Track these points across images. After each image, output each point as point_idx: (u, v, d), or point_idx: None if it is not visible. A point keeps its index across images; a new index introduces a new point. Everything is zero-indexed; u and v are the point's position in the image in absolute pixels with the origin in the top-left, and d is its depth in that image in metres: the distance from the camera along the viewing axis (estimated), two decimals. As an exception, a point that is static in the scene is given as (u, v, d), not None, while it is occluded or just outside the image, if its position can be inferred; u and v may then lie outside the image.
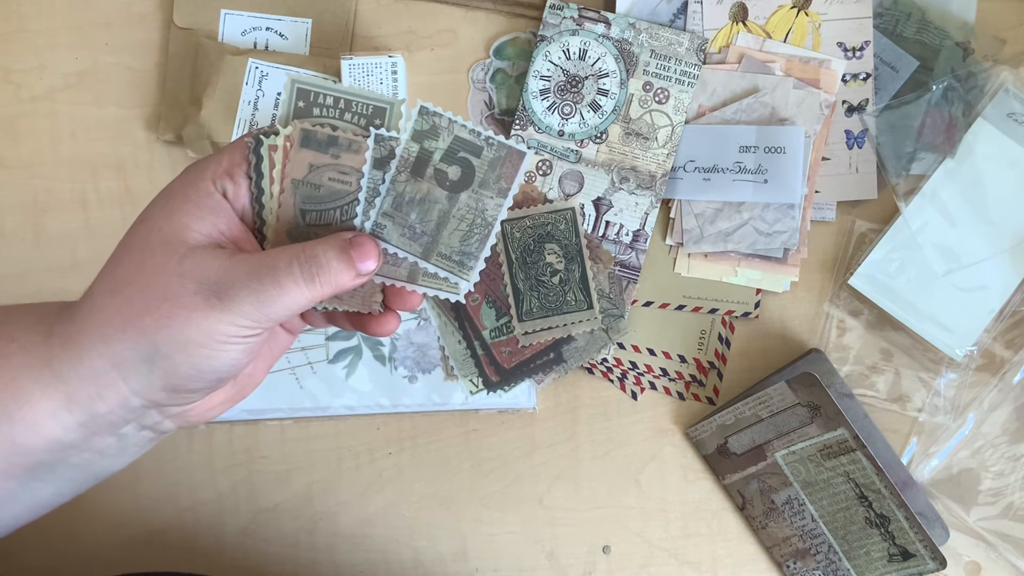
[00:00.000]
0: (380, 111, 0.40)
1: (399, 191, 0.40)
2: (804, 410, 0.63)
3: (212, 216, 0.39)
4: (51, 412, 0.38)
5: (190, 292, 0.37)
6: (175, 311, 0.37)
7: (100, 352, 0.38)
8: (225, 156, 0.40)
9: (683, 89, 0.65)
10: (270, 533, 0.68)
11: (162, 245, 0.38)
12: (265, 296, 0.38)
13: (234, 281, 0.37)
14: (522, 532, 0.69)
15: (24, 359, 0.39)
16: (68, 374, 0.38)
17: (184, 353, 0.38)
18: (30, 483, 0.41)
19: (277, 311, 0.38)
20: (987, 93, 0.65)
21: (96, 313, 0.39)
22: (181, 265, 0.38)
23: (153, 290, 0.38)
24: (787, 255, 0.66)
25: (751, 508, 0.67)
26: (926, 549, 0.62)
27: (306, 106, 0.40)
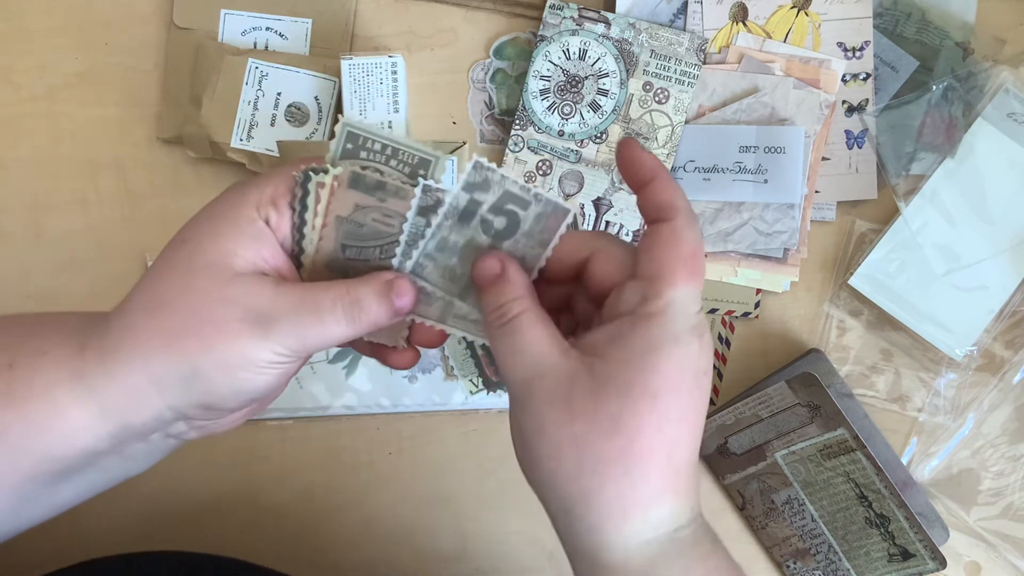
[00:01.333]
0: (425, 162, 0.41)
1: (444, 235, 0.41)
2: (804, 410, 0.63)
3: (256, 244, 0.39)
4: (86, 424, 0.39)
5: (235, 319, 0.38)
6: (219, 335, 0.38)
7: (138, 368, 0.38)
8: (270, 184, 0.40)
9: (683, 89, 0.65)
10: (270, 533, 0.68)
11: (207, 268, 0.39)
12: (307, 331, 0.39)
13: (279, 312, 0.38)
14: (522, 532, 0.69)
15: (56, 372, 0.39)
16: (103, 388, 0.39)
17: (224, 376, 0.38)
18: (56, 487, 0.41)
19: (317, 344, 0.39)
20: (987, 93, 0.65)
21: (134, 329, 0.39)
22: (227, 291, 0.38)
23: (197, 313, 0.38)
24: (787, 255, 0.66)
25: (751, 508, 0.67)
26: (926, 549, 0.62)
27: (354, 148, 0.41)
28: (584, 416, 0.37)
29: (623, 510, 0.37)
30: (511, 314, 0.39)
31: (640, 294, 0.38)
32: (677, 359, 0.37)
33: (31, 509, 0.41)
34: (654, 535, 0.37)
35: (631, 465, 0.37)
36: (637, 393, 0.37)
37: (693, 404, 0.38)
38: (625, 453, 0.37)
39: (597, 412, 0.37)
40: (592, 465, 0.37)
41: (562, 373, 0.38)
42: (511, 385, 0.39)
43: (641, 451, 0.37)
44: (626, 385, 0.37)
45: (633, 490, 0.37)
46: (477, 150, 0.67)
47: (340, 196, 0.41)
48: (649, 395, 0.37)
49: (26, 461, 0.39)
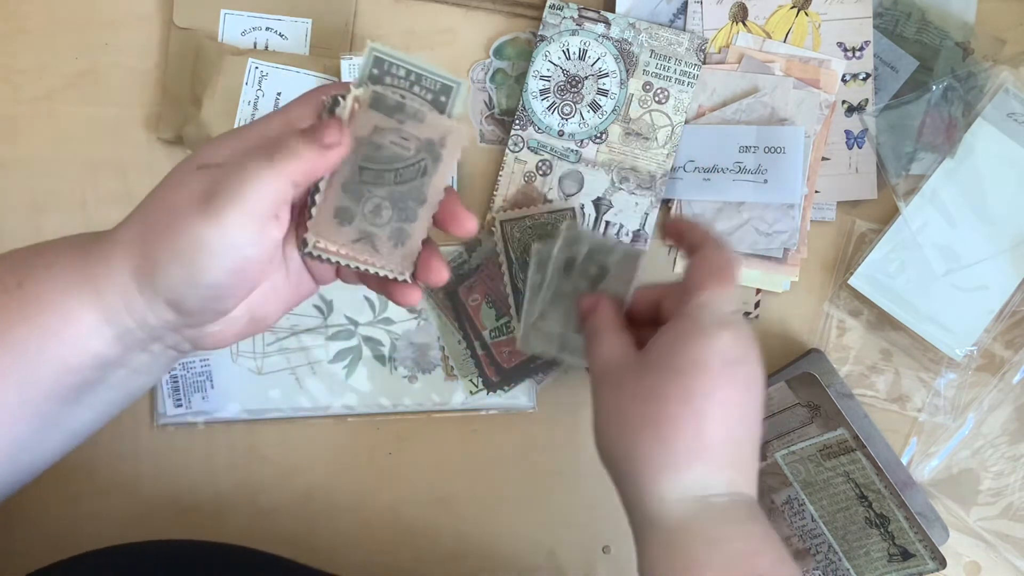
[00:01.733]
0: (447, 88, 0.43)
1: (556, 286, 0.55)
2: (804, 410, 0.63)
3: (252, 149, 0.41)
4: (95, 327, 0.40)
5: (185, 200, 0.39)
6: (175, 221, 0.39)
7: (126, 265, 0.40)
8: (293, 109, 0.42)
9: (683, 89, 0.65)
10: (270, 533, 0.68)
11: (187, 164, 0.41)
12: (237, 186, 0.39)
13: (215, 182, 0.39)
14: (522, 532, 0.69)
15: (64, 281, 0.40)
16: (104, 287, 0.40)
17: (178, 264, 0.39)
18: (73, 406, 0.42)
19: (252, 201, 0.39)
20: (987, 93, 0.65)
21: (126, 229, 0.41)
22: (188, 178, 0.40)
23: (162, 204, 0.40)
24: (787, 255, 0.66)
25: (751, 508, 0.67)
26: (926, 549, 0.62)
27: (379, 74, 0.42)
28: (629, 389, 0.46)
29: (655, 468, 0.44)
30: (597, 329, 0.51)
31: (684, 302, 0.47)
32: (702, 345, 0.45)
33: (49, 436, 0.43)
34: (684, 494, 0.44)
35: (661, 428, 0.44)
36: (667, 370, 0.45)
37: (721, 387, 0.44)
38: (656, 418, 0.44)
39: (638, 385, 0.46)
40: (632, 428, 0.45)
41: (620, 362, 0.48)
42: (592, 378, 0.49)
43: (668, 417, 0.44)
44: (659, 364, 0.46)
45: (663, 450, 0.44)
46: (477, 150, 0.67)
47: (361, 117, 0.42)
48: (675, 371, 0.45)
49: (45, 373, 0.40)
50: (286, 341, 0.67)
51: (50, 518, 0.67)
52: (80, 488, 0.67)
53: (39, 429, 0.42)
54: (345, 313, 0.67)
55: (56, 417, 0.42)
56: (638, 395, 0.45)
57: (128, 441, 0.67)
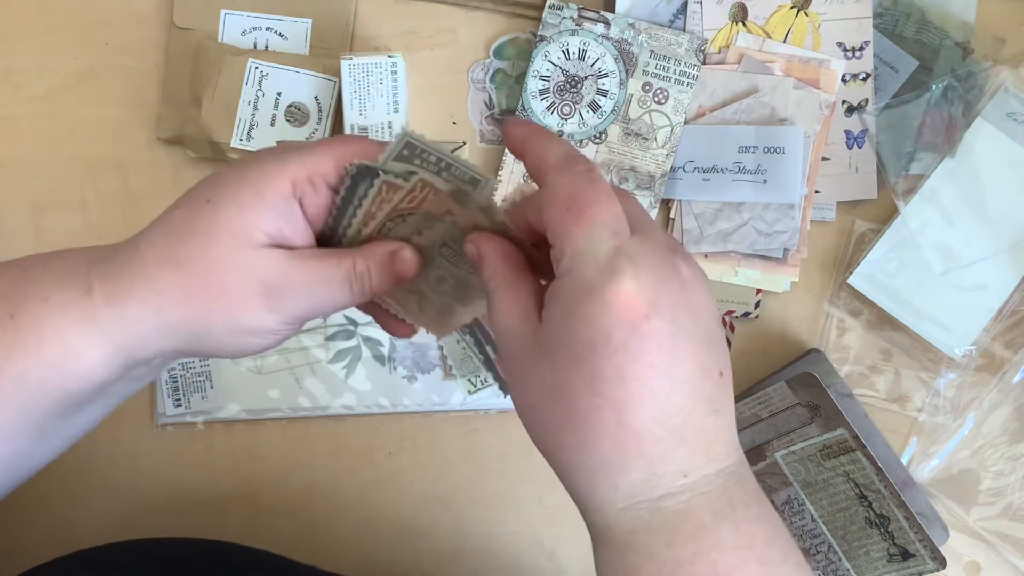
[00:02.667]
0: (475, 181, 0.41)
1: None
2: (804, 410, 0.63)
3: (282, 220, 0.40)
4: (101, 361, 0.41)
5: (252, 292, 0.40)
6: (235, 304, 0.40)
7: (151, 318, 0.40)
8: (312, 160, 0.41)
9: (682, 89, 0.65)
10: (270, 533, 0.68)
11: (230, 238, 0.40)
12: (317, 301, 0.41)
13: (294, 287, 0.40)
14: (522, 532, 0.69)
15: (63, 317, 0.40)
16: (116, 329, 0.40)
17: (232, 337, 0.41)
18: (72, 418, 0.43)
19: (323, 311, 0.42)
20: (987, 93, 0.65)
21: (149, 280, 0.40)
22: (246, 263, 0.40)
23: (217, 280, 0.40)
24: (787, 255, 0.66)
25: (751, 508, 0.67)
26: (926, 549, 0.62)
27: (409, 156, 0.41)
28: (530, 385, 0.36)
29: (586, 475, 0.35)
30: (489, 288, 0.39)
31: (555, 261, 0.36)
32: (592, 314, 0.34)
33: (49, 443, 0.43)
34: (629, 500, 0.35)
35: (579, 431, 0.34)
36: (562, 358, 0.35)
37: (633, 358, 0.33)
38: (570, 420, 0.35)
39: (539, 381, 0.36)
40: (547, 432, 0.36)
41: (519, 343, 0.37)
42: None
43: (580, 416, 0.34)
44: (553, 350, 0.35)
45: (587, 455, 0.35)
46: (477, 150, 0.67)
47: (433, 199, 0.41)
48: (573, 357, 0.34)
49: (46, 401, 0.41)
50: (286, 341, 0.67)
51: (50, 517, 0.67)
52: (80, 488, 0.67)
53: (38, 440, 0.42)
54: (345, 313, 0.67)
55: (55, 429, 0.43)
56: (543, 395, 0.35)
57: (128, 441, 0.67)
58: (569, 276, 0.35)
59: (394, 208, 0.42)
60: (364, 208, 0.42)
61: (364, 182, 0.41)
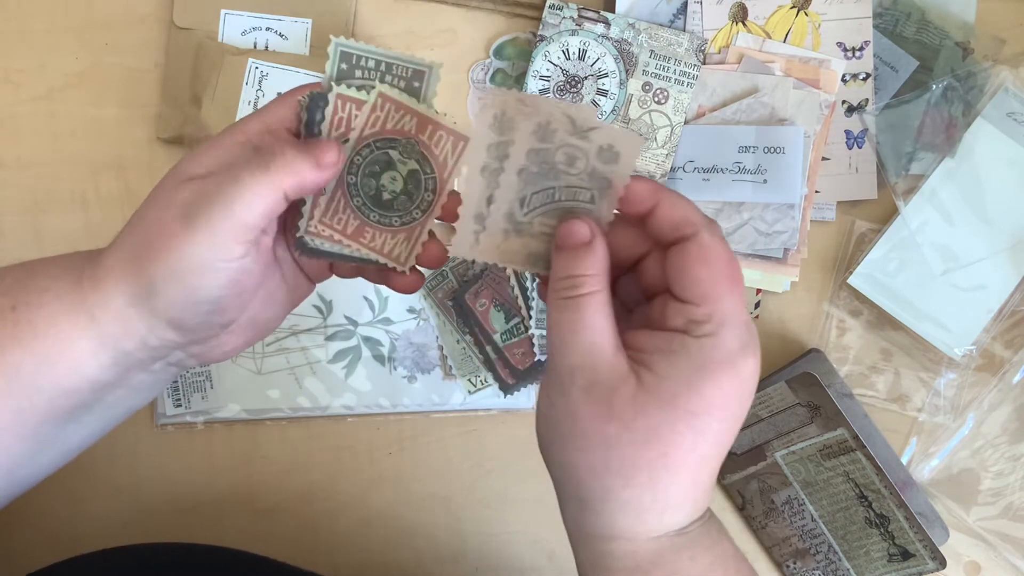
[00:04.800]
0: (419, 74, 0.41)
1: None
2: (804, 410, 0.63)
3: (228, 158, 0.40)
4: (90, 352, 0.40)
5: (172, 218, 0.38)
6: (164, 242, 0.38)
7: (121, 290, 0.39)
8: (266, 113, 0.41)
9: (682, 90, 0.65)
10: (270, 533, 0.68)
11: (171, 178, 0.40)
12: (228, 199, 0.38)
13: (203, 195, 0.38)
14: (522, 532, 0.69)
15: (58, 306, 0.40)
16: (100, 314, 0.40)
17: (175, 283, 0.38)
18: (68, 426, 0.42)
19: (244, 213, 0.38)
20: (987, 93, 0.65)
21: (116, 252, 0.40)
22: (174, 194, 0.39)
23: (151, 224, 0.39)
24: (787, 255, 0.66)
25: (751, 508, 0.67)
26: (926, 549, 0.62)
27: (348, 68, 0.41)
28: (622, 420, 0.36)
29: (639, 513, 0.38)
30: (583, 290, 0.37)
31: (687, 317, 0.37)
32: (724, 384, 0.36)
33: (46, 453, 0.43)
34: (664, 532, 0.38)
35: (657, 475, 0.37)
36: (680, 410, 0.36)
37: (731, 427, 0.38)
38: (654, 464, 0.37)
39: (636, 419, 0.36)
40: (619, 467, 0.37)
41: (610, 372, 0.37)
42: (557, 366, 0.38)
43: (669, 465, 0.37)
44: (671, 400, 0.36)
45: (654, 498, 0.37)
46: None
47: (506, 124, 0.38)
48: (691, 414, 0.36)
49: (41, 398, 0.40)
50: (286, 341, 0.67)
51: (50, 518, 0.67)
52: (80, 488, 0.67)
53: (35, 448, 0.42)
54: (344, 313, 0.67)
55: (52, 437, 0.42)
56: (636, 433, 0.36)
57: (128, 441, 0.67)
58: (711, 340, 0.37)
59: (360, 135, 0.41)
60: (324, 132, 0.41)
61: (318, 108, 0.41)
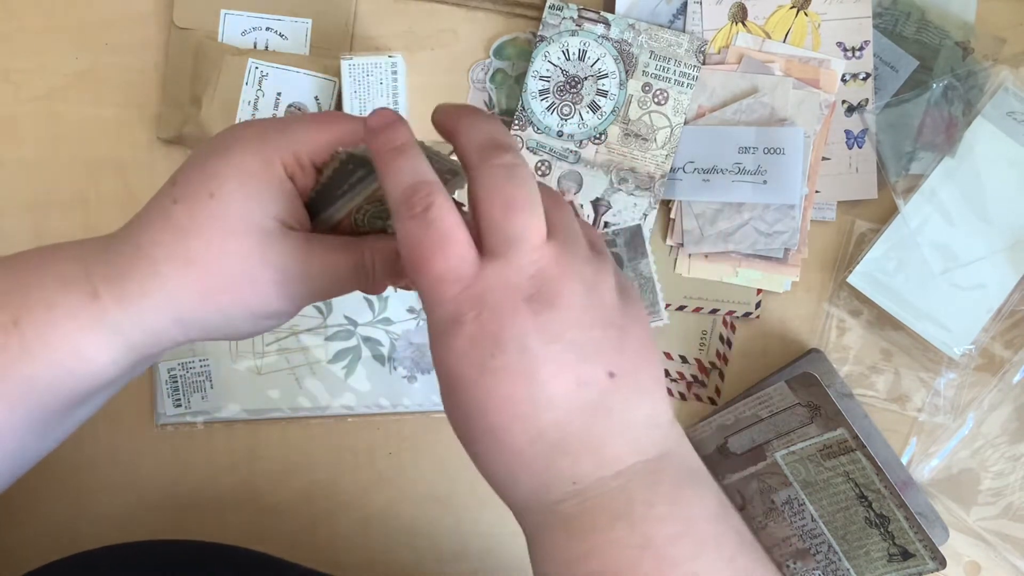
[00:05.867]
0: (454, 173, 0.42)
1: None
2: (804, 410, 0.63)
3: (285, 201, 0.41)
4: (112, 360, 0.41)
5: (269, 280, 0.41)
6: (253, 294, 0.41)
7: (164, 313, 0.40)
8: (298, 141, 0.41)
9: (682, 90, 0.65)
10: (270, 533, 0.68)
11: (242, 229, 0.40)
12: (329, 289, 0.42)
13: (309, 276, 0.41)
14: (522, 532, 0.69)
15: (72, 324, 0.40)
16: (129, 330, 0.40)
17: (251, 323, 0.42)
18: (75, 412, 0.43)
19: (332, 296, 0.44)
20: (987, 92, 0.65)
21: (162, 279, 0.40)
22: (263, 253, 0.40)
23: (235, 272, 0.40)
24: (787, 255, 0.66)
25: (751, 508, 0.67)
26: (926, 549, 0.62)
27: None
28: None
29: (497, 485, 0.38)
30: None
31: None
32: (441, 358, 0.36)
33: (50, 438, 0.44)
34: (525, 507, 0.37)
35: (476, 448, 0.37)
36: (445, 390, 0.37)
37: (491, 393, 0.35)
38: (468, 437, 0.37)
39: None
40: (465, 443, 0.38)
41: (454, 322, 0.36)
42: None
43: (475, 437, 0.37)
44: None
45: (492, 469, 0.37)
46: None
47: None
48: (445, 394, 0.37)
49: (54, 401, 0.41)
50: (286, 341, 0.67)
51: (51, 517, 0.67)
52: (80, 488, 0.67)
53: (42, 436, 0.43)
54: (344, 313, 0.67)
55: (59, 425, 0.43)
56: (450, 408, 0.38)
57: (128, 441, 0.67)
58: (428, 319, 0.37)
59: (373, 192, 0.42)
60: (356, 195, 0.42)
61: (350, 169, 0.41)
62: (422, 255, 0.35)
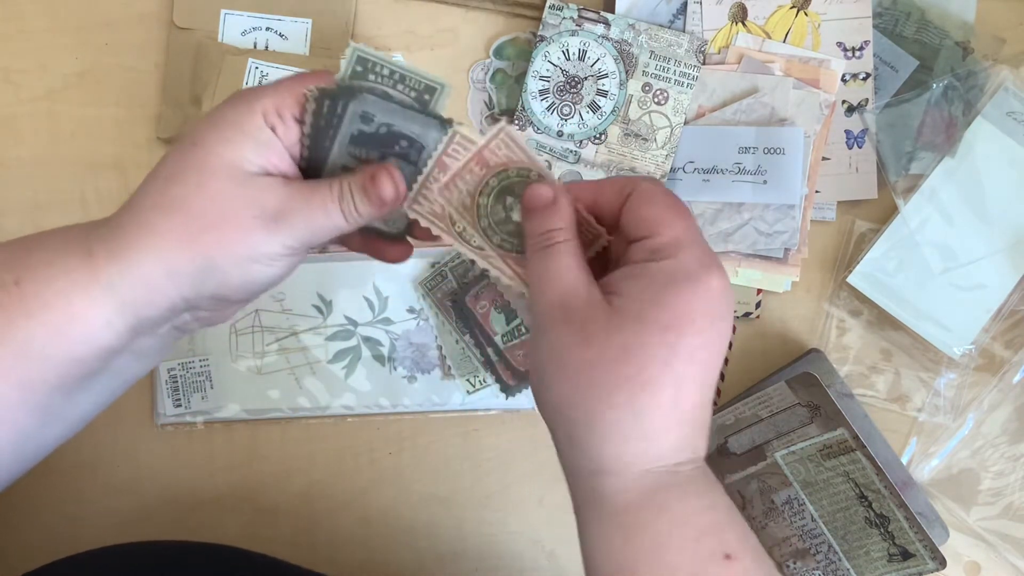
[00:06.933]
0: (431, 89, 0.43)
1: None
2: (804, 410, 0.63)
3: (265, 149, 0.42)
4: (105, 321, 0.41)
5: (251, 216, 0.41)
6: (236, 232, 0.41)
7: (154, 263, 0.41)
8: (276, 94, 0.43)
9: (682, 90, 0.65)
10: (270, 533, 0.68)
11: (221, 171, 0.41)
12: (315, 223, 0.42)
13: (291, 208, 0.42)
14: (522, 532, 0.69)
15: (67, 280, 0.41)
16: (118, 282, 0.41)
17: (238, 268, 0.42)
18: (77, 396, 0.43)
19: (323, 235, 0.43)
20: (987, 92, 0.65)
21: (150, 227, 0.41)
22: (242, 191, 0.41)
23: (215, 210, 0.41)
24: (787, 255, 0.66)
25: (751, 508, 0.67)
26: (926, 549, 0.62)
27: (363, 71, 0.43)
28: (597, 342, 0.38)
29: (623, 438, 0.38)
30: (554, 240, 0.41)
31: (646, 249, 0.40)
32: (689, 295, 0.38)
33: (52, 426, 0.44)
34: (652, 466, 0.39)
35: (635, 394, 0.38)
36: (649, 325, 0.38)
37: (705, 346, 0.39)
38: (631, 381, 0.38)
39: (610, 339, 0.38)
40: (598, 390, 0.38)
41: (584, 301, 0.39)
42: (538, 310, 0.41)
43: (646, 381, 0.38)
44: (639, 316, 0.38)
45: (635, 419, 0.38)
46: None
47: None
48: (660, 327, 0.38)
49: (51, 370, 0.41)
50: (286, 341, 0.67)
51: (51, 517, 0.67)
52: (80, 488, 0.67)
53: (43, 420, 0.43)
54: (344, 313, 0.67)
55: (59, 408, 0.43)
56: (610, 352, 0.38)
57: (128, 441, 0.67)
58: (671, 261, 0.39)
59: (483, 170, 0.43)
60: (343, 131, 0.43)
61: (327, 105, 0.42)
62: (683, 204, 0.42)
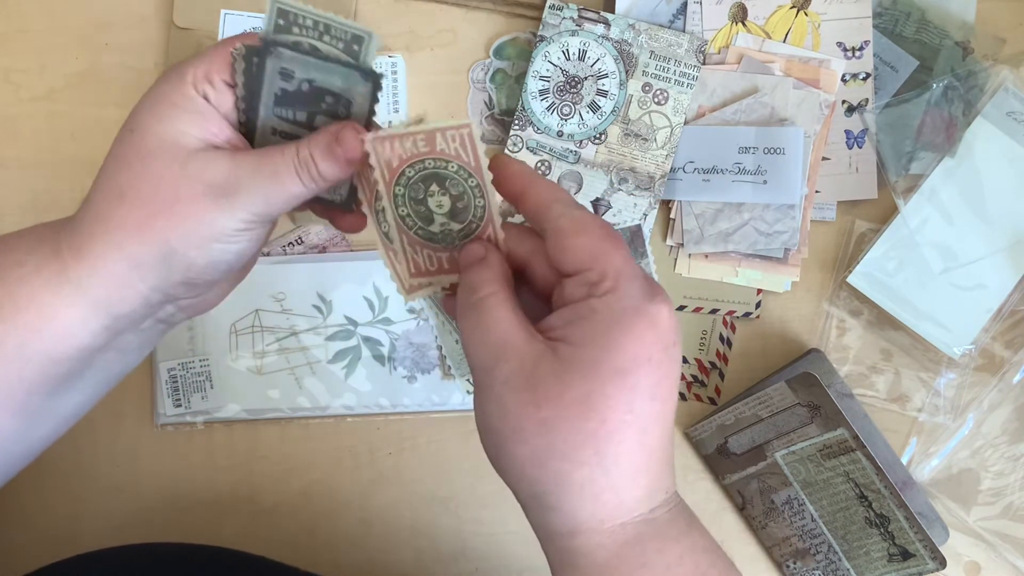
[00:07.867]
0: (358, 38, 0.42)
1: None
2: (804, 410, 0.63)
3: (201, 120, 0.41)
4: (80, 319, 0.40)
5: (199, 193, 0.39)
6: (187, 212, 0.39)
7: (115, 257, 0.40)
8: (203, 62, 0.41)
9: (682, 90, 0.65)
10: (270, 533, 0.68)
11: (161, 151, 0.40)
12: (269, 193, 0.40)
13: (238, 181, 0.40)
14: (522, 532, 0.69)
15: (38, 279, 0.40)
16: (87, 282, 0.40)
17: (198, 250, 0.40)
18: (61, 395, 0.42)
19: (280, 206, 0.41)
20: (987, 92, 0.65)
21: (104, 220, 0.40)
22: (186, 168, 0.40)
23: (162, 194, 0.40)
24: (787, 255, 0.66)
25: (751, 508, 0.67)
26: (926, 549, 0.62)
27: (286, 24, 0.41)
28: (550, 400, 0.36)
29: (595, 494, 0.36)
30: (481, 293, 0.38)
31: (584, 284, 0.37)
32: (641, 331, 0.36)
33: (39, 427, 0.43)
34: (628, 518, 0.37)
35: (602, 447, 0.36)
36: (605, 372, 0.36)
37: (664, 379, 0.36)
38: (595, 435, 0.36)
39: (563, 395, 0.36)
40: (562, 450, 0.36)
41: (526, 356, 0.37)
42: (475, 369, 0.38)
43: (611, 431, 0.36)
44: (593, 364, 0.36)
45: (605, 473, 0.36)
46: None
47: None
48: (618, 373, 0.36)
49: (28, 370, 0.40)
50: (285, 341, 0.67)
51: (50, 517, 0.67)
52: (80, 488, 0.67)
53: (27, 422, 0.42)
54: (344, 313, 0.67)
55: (43, 408, 0.42)
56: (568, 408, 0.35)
57: (128, 441, 0.67)
58: (613, 296, 0.36)
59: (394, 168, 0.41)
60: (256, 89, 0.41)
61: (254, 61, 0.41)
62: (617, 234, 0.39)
